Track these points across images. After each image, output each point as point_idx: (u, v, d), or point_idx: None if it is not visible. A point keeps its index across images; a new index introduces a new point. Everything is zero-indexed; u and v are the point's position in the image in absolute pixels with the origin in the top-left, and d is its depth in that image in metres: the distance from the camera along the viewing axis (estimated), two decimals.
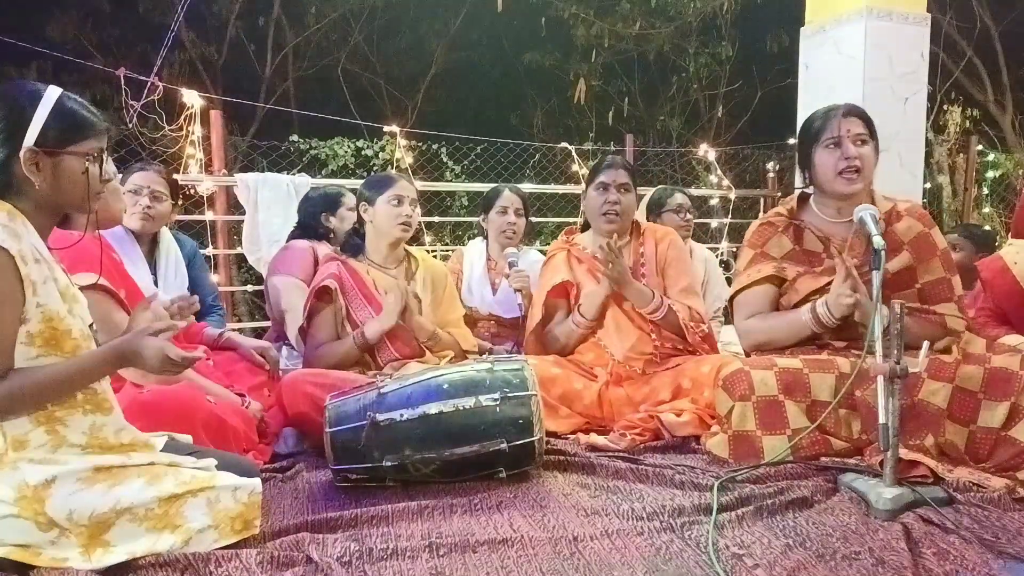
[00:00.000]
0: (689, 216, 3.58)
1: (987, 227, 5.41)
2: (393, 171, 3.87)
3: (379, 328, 2.44)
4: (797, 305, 2.20)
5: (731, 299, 2.36)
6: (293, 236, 3.19)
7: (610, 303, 2.58)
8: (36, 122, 1.38)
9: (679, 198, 3.63)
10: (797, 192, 2.35)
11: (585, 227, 2.83)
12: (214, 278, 3.17)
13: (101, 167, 1.48)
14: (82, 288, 1.56)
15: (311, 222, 3.15)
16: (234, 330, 2.63)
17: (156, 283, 2.58)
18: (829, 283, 2.13)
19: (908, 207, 2.23)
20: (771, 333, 2.23)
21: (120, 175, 2.49)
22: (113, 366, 1.47)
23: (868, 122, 2.18)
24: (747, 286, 2.27)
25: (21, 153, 1.37)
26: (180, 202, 2.86)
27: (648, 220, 3.54)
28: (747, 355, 2.42)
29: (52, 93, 1.42)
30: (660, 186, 3.94)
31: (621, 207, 2.62)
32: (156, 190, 2.56)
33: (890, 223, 2.18)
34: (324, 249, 3.02)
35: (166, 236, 2.71)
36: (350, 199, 3.19)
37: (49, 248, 1.47)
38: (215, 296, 2.98)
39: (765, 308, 2.26)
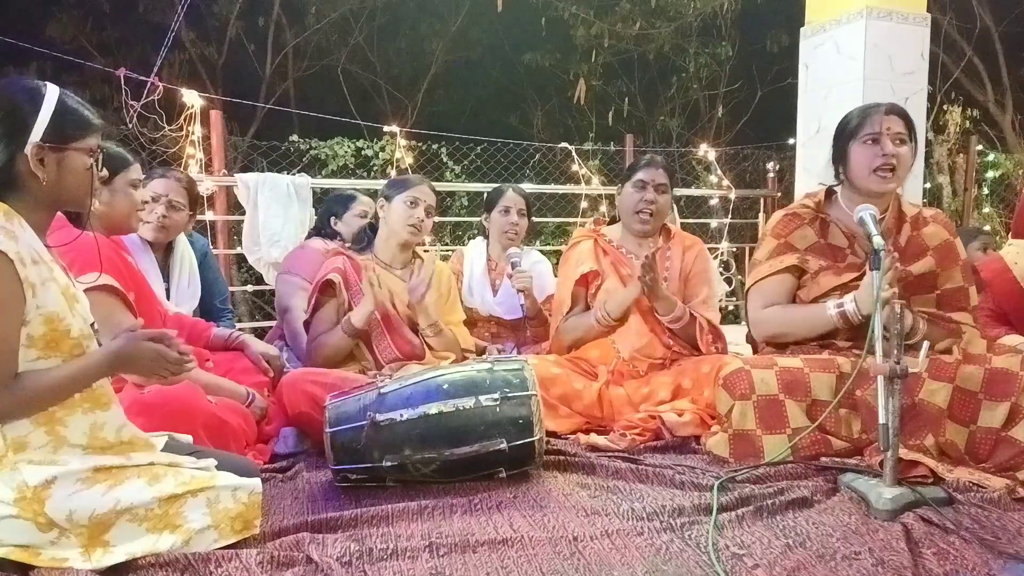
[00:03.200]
0: None
1: (987, 227, 5.41)
2: (416, 175, 3.86)
3: (362, 313, 2.43)
4: (815, 301, 2.18)
5: (748, 288, 2.33)
6: (311, 235, 3.22)
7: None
8: (41, 118, 1.39)
9: None
10: (824, 186, 2.32)
11: (612, 220, 2.83)
12: (223, 282, 3.16)
13: (99, 163, 1.49)
14: (89, 289, 1.56)
15: (323, 224, 3.17)
16: (239, 331, 2.61)
17: (168, 292, 2.57)
18: (851, 280, 2.12)
19: (933, 214, 2.24)
20: (789, 325, 2.20)
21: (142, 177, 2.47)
22: (110, 369, 1.47)
23: (909, 123, 2.16)
24: (768, 275, 2.24)
25: (27, 148, 1.38)
26: (198, 211, 2.82)
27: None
28: (755, 346, 2.42)
29: (53, 91, 1.44)
30: None
31: (656, 207, 2.61)
32: (174, 200, 2.53)
33: (916, 228, 2.19)
34: None
35: (181, 243, 2.68)
36: (362, 205, 3.13)
37: (47, 247, 1.47)
38: (224, 299, 2.97)
39: (783, 299, 2.23)
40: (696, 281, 2.66)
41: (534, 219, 3.60)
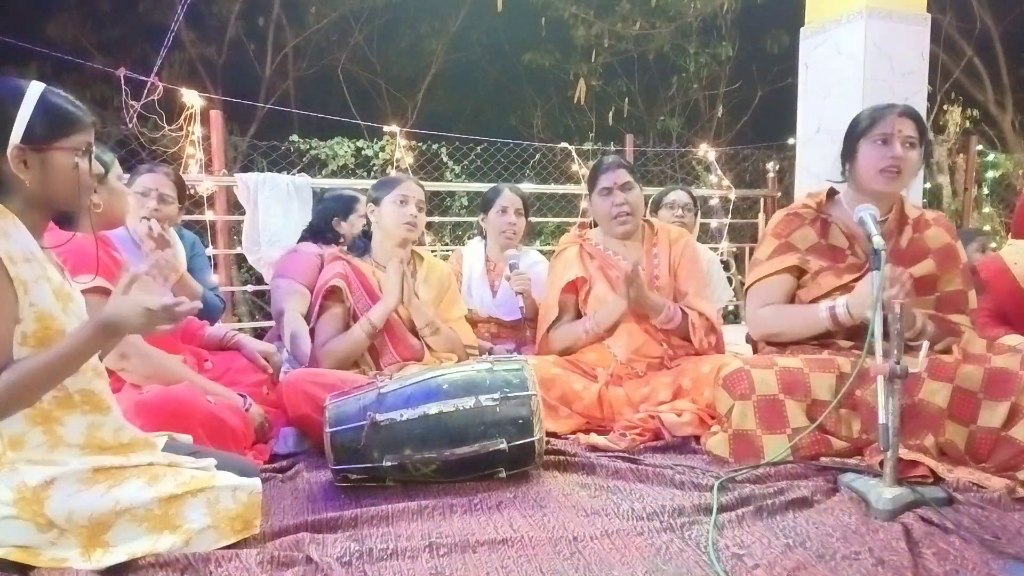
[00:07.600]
0: (682, 213, 3.56)
1: (986, 227, 5.41)
2: (400, 173, 3.85)
3: (384, 309, 2.44)
4: (815, 301, 2.18)
5: (747, 287, 2.33)
6: (303, 238, 3.17)
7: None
8: (21, 119, 1.36)
9: (675, 195, 3.63)
10: (827, 186, 2.32)
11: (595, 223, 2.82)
12: (214, 278, 3.15)
13: (90, 161, 1.46)
14: (85, 291, 1.56)
15: (322, 225, 3.12)
16: (235, 330, 2.62)
17: None
18: (851, 281, 2.12)
19: (936, 216, 2.25)
20: (784, 325, 2.21)
21: (127, 176, 2.49)
22: (99, 339, 1.41)
23: (921, 127, 2.15)
24: (767, 275, 2.24)
25: (8, 151, 1.35)
26: (187, 204, 2.84)
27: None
28: (755, 346, 2.42)
29: (35, 88, 1.40)
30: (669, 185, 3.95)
31: (630, 206, 2.61)
32: (164, 193, 2.55)
33: (918, 230, 2.20)
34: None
35: (171, 237, 2.69)
36: (365, 206, 3.13)
37: (43, 247, 1.46)
38: (214, 288, 2.96)
39: (781, 299, 2.23)
40: (686, 273, 2.65)
41: (534, 219, 3.60)
